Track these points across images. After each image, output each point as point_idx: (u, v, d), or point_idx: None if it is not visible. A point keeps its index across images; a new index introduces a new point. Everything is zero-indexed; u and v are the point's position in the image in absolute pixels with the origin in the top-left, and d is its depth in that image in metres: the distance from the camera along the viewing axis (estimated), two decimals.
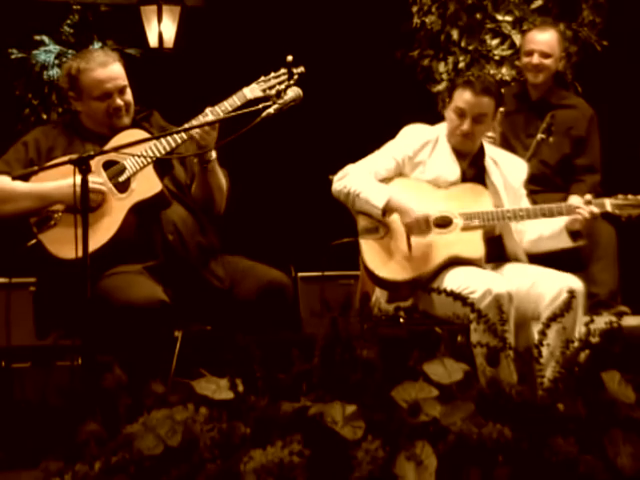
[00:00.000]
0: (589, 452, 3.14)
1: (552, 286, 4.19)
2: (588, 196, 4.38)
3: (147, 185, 4.12)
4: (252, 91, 4.22)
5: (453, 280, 4.19)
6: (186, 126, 4.12)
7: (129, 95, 4.24)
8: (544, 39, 5.60)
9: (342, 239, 4.50)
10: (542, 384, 3.36)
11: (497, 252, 4.46)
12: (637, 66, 6.91)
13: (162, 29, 7.89)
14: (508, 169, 4.55)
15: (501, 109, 4.50)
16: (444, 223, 4.38)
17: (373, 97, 7.38)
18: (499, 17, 6.36)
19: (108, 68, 4.19)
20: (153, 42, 7.95)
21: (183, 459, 3.09)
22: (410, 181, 4.45)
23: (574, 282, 4.20)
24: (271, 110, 3.88)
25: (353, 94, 7.42)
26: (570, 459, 3.09)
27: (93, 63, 4.19)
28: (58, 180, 4.02)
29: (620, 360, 3.35)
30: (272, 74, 4.24)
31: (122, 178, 4.12)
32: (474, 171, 4.51)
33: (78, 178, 3.56)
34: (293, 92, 4.01)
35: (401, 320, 4.36)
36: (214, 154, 4.19)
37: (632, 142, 6.78)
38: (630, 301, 5.55)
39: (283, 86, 4.16)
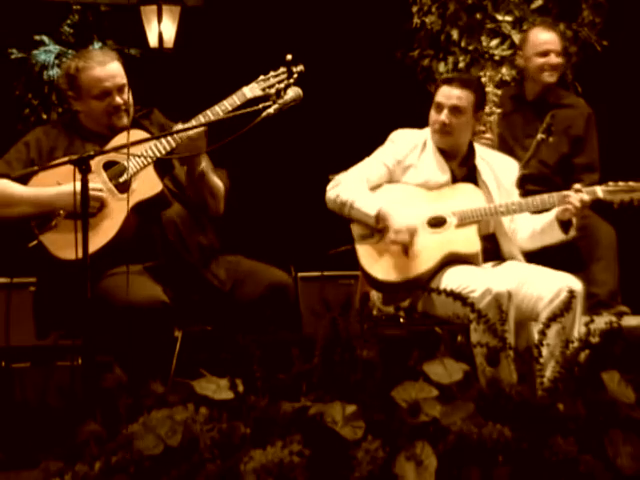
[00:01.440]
0: (589, 452, 3.14)
1: (551, 286, 4.19)
2: (578, 185, 4.39)
3: (148, 185, 4.12)
4: (252, 90, 4.22)
5: (453, 279, 4.19)
6: (186, 125, 4.12)
7: (128, 94, 4.24)
8: (556, 38, 5.63)
9: (339, 245, 4.50)
10: (542, 384, 3.36)
11: (494, 251, 4.46)
12: (637, 66, 6.91)
13: (162, 29, 7.89)
14: (499, 168, 4.56)
15: (498, 110, 4.50)
16: (438, 223, 4.38)
17: (373, 97, 7.38)
18: (499, 17, 6.36)
19: (107, 66, 4.19)
20: (153, 42, 7.95)
21: (183, 459, 3.09)
22: (399, 186, 4.46)
23: (573, 282, 4.19)
24: (271, 110, 3.88)
25: (353, 94, 7.42)
26: (570, 459, 3.09)
27: (92, 62, 4.20)
28: (58, 179, 4.02)
29: (620, 360, 3.35)
30: (271, 73, 4.24)
31: (123, 178, 4.12)
32: (465, 171, 4.52)
33: (78, 185, 3.57)
34: (293, 92, 4.02)
35: (401, 320, 4.36)
36: (204, 163, 4.18)
37: (632, 142, 6.78)
38: (630, 301, 5.54)
39: (283, 85, 4.16)
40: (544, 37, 5.64)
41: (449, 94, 4.43)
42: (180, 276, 4.13)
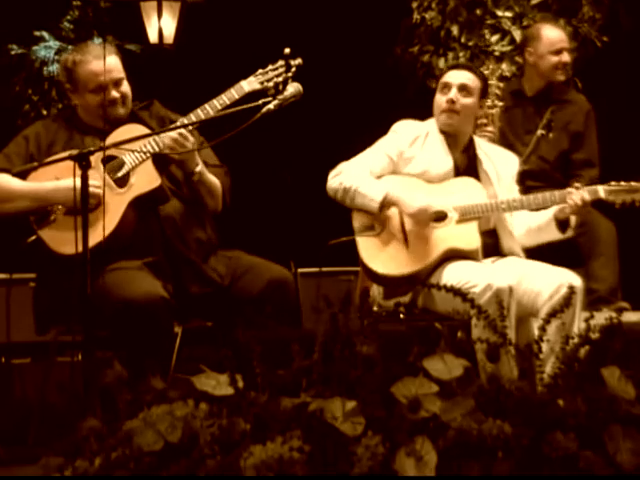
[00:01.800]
0: (589, 448, 3.13)
1: (551, 282, 4.19)
2: (578, 184, 4.39)
3: (146, 179, 4.12)
4: (250, 84, 4.22)
5: (453, 275, 4.18)
6: (185, 121, 4.12)
7: (126, 87, 4.23)
8: (566, 36, 5.63)
9: (339, 238, 4.49)
10: (542, 380, 3.36)
11: (494, 246, 4.46)
12: (637, 62, 6.90)
13: (162, 25, 7.87)
14: (500, 162, 4.56)
15: (500, 103, 4.50)
16: (439, 218, 4.38)
17: (373, 93, 7.37)
18: (499, 13, 6.36)
19: (103, 61, 4.19)
20: (153, 38, 7.94)
21: (183, 455, 3.09)
22: (400, 178, 4.45)
23: (573, 278, 4.19)
24: (271, 106, 3.87)
25: (353, 89, 7.41)
26: (570, 455, 3.09)
27: (89, 55, 4.20)
28: (56, 174, 4.02)
29: (620, 356, 3.35)
30: (270, 66, 4.24)
31: (121, 173, 4.12)
32: (466, 161, 4.51)
33: (76, 180, 3.57)
34: (293, 88, 4.01)
35: (401, 316, 4.35)
36: (199, 167, 4.18)
37: (632, 137, 6.78)
38: (630, 297, 5.55)
39: (281, 79, 4.16)
40: (558, 35, 5.63)
41: (457, 74, 4.47)
42: (179, 271, 4.13)
